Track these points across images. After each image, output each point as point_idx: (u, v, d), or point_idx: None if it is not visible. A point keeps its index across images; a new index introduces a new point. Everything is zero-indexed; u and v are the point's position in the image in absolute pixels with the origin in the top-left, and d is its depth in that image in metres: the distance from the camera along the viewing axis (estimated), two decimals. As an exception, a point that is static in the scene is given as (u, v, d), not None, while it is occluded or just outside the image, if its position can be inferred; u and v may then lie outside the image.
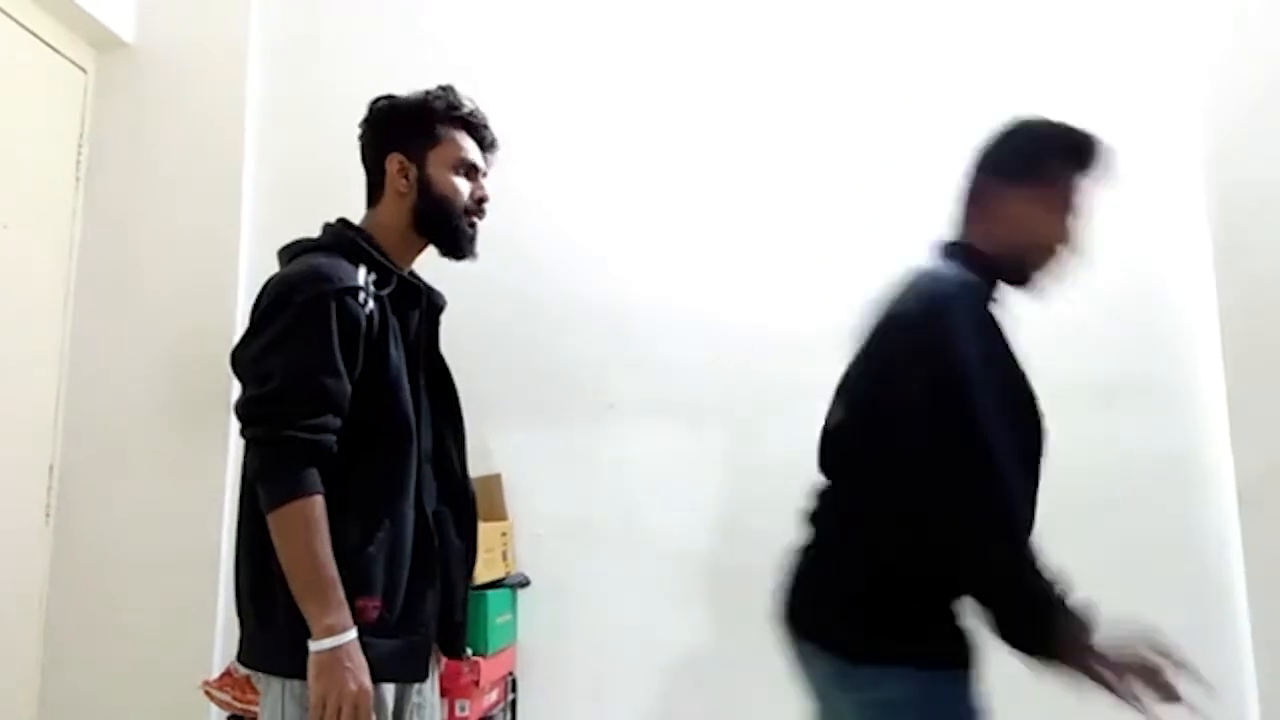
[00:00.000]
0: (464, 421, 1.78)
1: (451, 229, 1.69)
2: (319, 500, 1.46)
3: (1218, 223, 2.78)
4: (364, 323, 1.53)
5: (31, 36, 2.78)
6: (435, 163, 1.69)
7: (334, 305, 1.50)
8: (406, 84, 3.03)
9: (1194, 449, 2.74)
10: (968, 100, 2.94)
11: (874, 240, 2.89)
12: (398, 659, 1.55)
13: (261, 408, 1.48)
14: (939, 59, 2.97)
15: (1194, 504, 2.72)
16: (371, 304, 1.55)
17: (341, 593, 1.46)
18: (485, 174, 1.75)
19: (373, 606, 1.51)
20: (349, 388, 1.51)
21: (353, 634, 1.45)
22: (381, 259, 1.62)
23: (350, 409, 1.51)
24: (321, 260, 1.57)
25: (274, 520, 1.45)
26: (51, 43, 2.87)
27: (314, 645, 1.43)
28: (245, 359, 1.54)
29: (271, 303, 1.53)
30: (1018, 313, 1.77)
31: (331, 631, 1.43)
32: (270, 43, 3.14)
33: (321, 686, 1.42)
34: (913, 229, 2.89)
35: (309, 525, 1.45)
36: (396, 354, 1.59)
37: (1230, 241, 2.76)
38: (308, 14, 3.20)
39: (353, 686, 1.43)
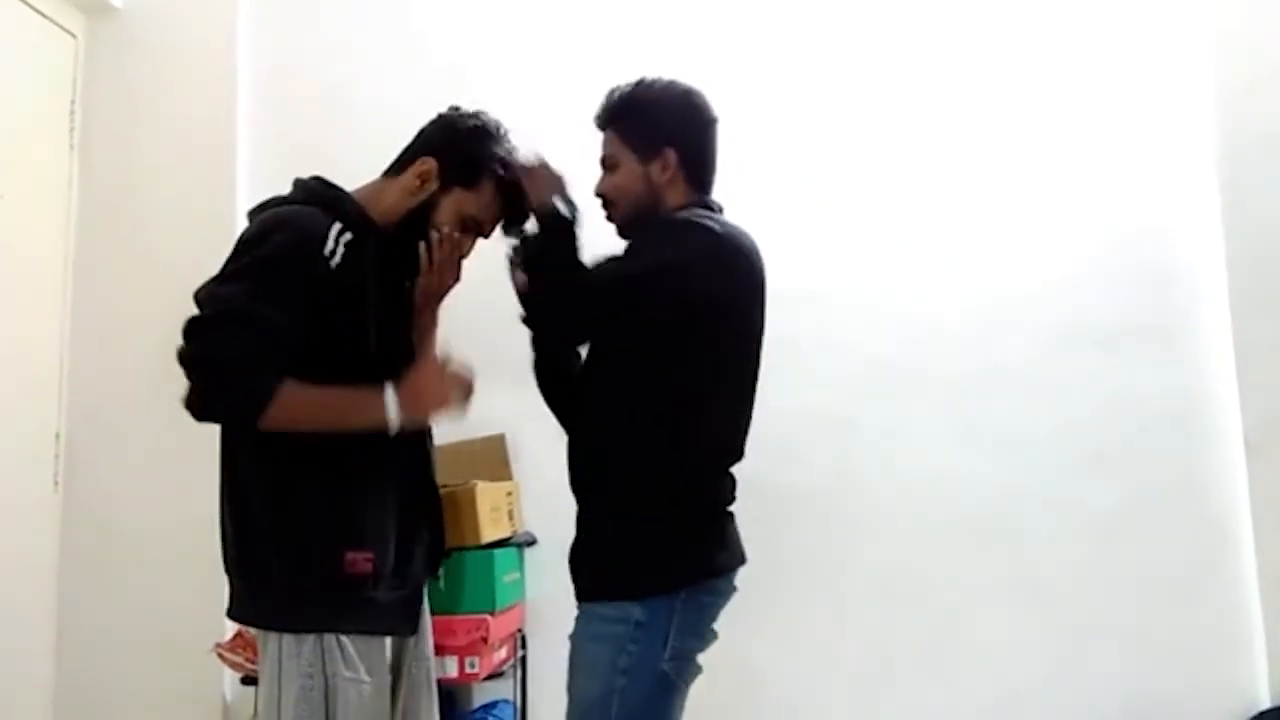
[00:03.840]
0: None
1: (414, 250, 1.64)
2: (284, 388, 1.45)
3: (1225, 167, 2.75)
4: (329, 271, 1.50)
5: (20, 2, 2.74)
6: (456, 199, 1.63)
7: (294, 250, 1.49)
8: (397, 46, 3.01)
9: (1201, 395, 2.73)
10: (973, 54, 2.90)
11: (877, 194, 2.88)
12: (391, 612, 1.57)
13: (196, 328, 1.50)
14: (942, 12, 2.92)
15: (1200, 450, 2.72)
16: (339, 256, 1.52)
17: (366, 392, 1.50)
18: (485, 235, 1.70)
19: (364, 559, 1.51)
20: (288, 320, 1.47)
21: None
22: (362, 220, 1.59)
23: (328, 366, 1.50)
24: (287, 211, 1.57)
25: (270, 426, 1.46)
26: (40, 9, 2.82)
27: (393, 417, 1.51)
28: (200, 294, 1.55)
29: (236, 249, 1.55)
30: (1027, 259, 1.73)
31: (386, 410, 1.50)
32: (260, 4, 3.09)
33: (425, 399, 1.56)
34: (906, 187, 2.90)
35: (299, 407, 1.46)
36: (376, 310, 1.56)
37: (1237, 186, 2.73)
38: (297, -25, 3.16)
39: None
